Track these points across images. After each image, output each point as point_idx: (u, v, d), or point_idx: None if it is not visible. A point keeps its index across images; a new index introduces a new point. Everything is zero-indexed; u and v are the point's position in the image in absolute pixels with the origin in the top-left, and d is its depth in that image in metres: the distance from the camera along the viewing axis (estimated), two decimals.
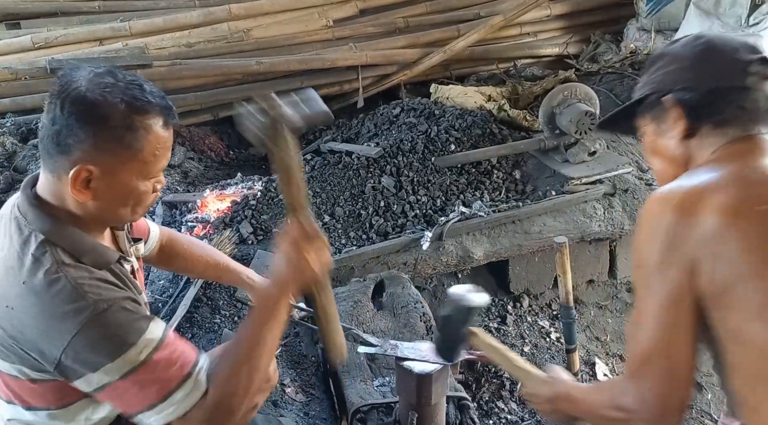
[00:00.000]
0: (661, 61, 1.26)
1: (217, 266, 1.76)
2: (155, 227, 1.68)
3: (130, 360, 1.15)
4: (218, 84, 4.27)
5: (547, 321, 3.08)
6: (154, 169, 1.22)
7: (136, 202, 1.24)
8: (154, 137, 1.18)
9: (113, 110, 1.14)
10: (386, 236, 2.98)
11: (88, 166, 1.15)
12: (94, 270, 1.20)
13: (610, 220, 3.07)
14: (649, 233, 1.11)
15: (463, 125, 3.47)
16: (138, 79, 1.21)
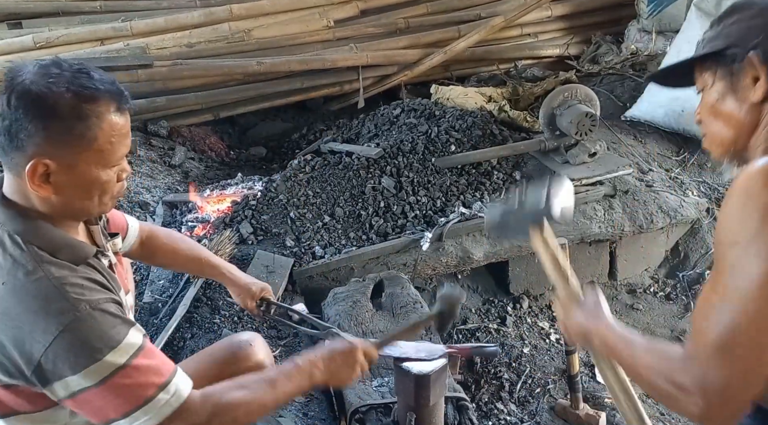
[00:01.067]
0: (741, 13, 1.11)
1: (199, 261, 1.76)
2: (134, 222, 1.67)
3: (110, 363, 1.12)
4: (219, 84, 4.27)
5: (546, 322, 3.07)
6: (112, 157, 1.19)
7: (100, 192, 1.21)
8: (108, 124, 1.16)
9: (60, 100, 1.12)
10: (386, 236, 2.98)
11: (44, 160, 1.12)
12: (74, 267, 1.18)
13: (610, 221, 3.07)
14: (746, 208, 0.96)
15: (463, 125, 3.47)
16: (85, 67, 1.17)
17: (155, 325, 2.37)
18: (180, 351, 2.29)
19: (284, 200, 3.08)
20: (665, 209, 3.13)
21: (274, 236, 2.93)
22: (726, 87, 1.13)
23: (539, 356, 2.88)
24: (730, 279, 0.95)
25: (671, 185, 3.32)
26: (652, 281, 3.26)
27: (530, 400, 2.66)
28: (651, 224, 3.09)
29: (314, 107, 4.80)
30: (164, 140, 3.91)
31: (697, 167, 3.54)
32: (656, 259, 3.29)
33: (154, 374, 1.18)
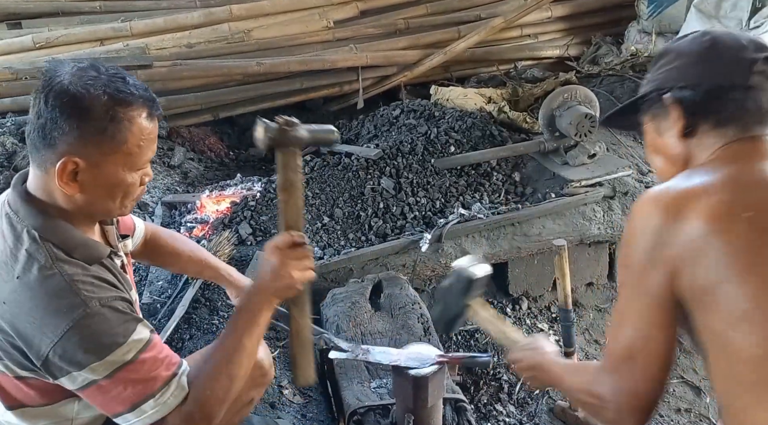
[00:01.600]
0: (665, 58, 1.23)
1: (199, 262, 1.78)
2: (140, 223, 1.69)
3: (117, 358, 1.16)
4: (219, 84, 4.27)
5: (546, 324, 3.07)
6: (139, 160, 1.23)
7: (124, 194, 1.25)
8: (138, 128, 1.20)
9: (96, 102, 1.16)
10: (385, 237, 2.97)
11: (74, 158, 1.16)
12: (87, 266, 1.21)
13: (609, 223, 3.06)
14: (636, 233, 1.11)
15: (462, 126, 3.46)
16: (121, 72, 1.22)
17: (154, 326, 2.35)
18: (179, 351, 2.28)
19: None
20: None
21: (273, 237, 2.92)
22: (656, 127, 1.24)
23: None
24: (625, 299, 1.14)
25: None
26: None
27: (529, 402, 2.66)
28: None
29: (314, 107, 4.79)
30: (163, 141, 3.91)
31: None
32: None
33: (161, 368, 1.21)
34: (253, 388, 1.52)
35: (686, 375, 2.79)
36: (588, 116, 3.16)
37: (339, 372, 2.20)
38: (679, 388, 2.73)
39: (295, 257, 1.34)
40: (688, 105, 1.16)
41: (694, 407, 2.63)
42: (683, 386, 2.75)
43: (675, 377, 2.79)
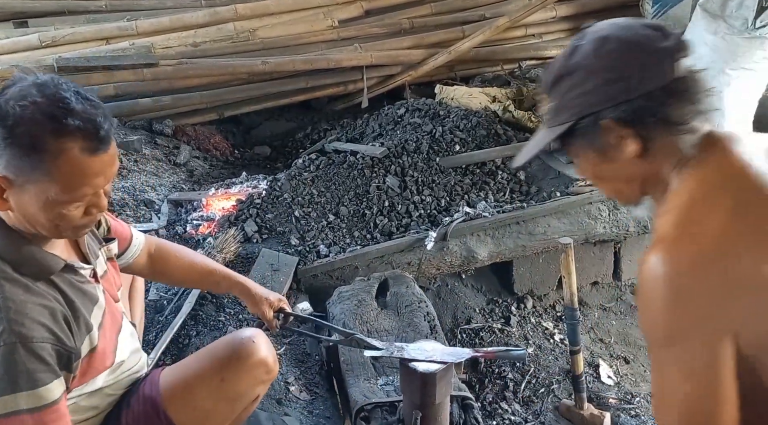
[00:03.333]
0: (572, 79, 1.09)
1: (213, 273, 1.72)
2: (140, 235, 1.64)
3: (6, 403, 1.10)
4: (224, 83, 4.28)
5: (551, 323, 3.07)
6: (68, 194, 1.14)
7: (56, 223, 1.17)
8: (67, 163, 1.11)
9: (22, 126, 1.09)
10: (390, 236, 2.98)
11: (3, 174, 1.11)
12: (31, 286, 1.16)
13: (615, 222, 3.06)
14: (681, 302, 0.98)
15: (468, 125, 3.47)
16: (69, 97, 1.12)
17: (160, 322, 2.37)
18: (185, 348, 2.29)
19: (289, 199, 3.08)
20: None
21: (278, 235, 2.93)
22: (596, 155, 1.13)
23: (543, 356, 2.87)
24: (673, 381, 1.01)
25: None
26: None
27: (534, 400, 2.66)
28: None
29: (318, 106, 4.80)
30: (169, 139, 3.92)
31: None
32: None
33: None
34: (258, 385, 1.52)
35: None
36: None
37: (345, 369, 2.20)
38: None
39: None
40: (632, 123, 1.05)
41: None
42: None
43: None
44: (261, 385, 1.51)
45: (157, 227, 2.94)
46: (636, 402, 2.60)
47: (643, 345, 2.95)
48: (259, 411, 1.92)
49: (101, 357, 1.30)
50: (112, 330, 1.36)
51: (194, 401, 1.40)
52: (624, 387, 2.71)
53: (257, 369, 1.46)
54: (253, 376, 1.46)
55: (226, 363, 1.44)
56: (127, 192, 3.12)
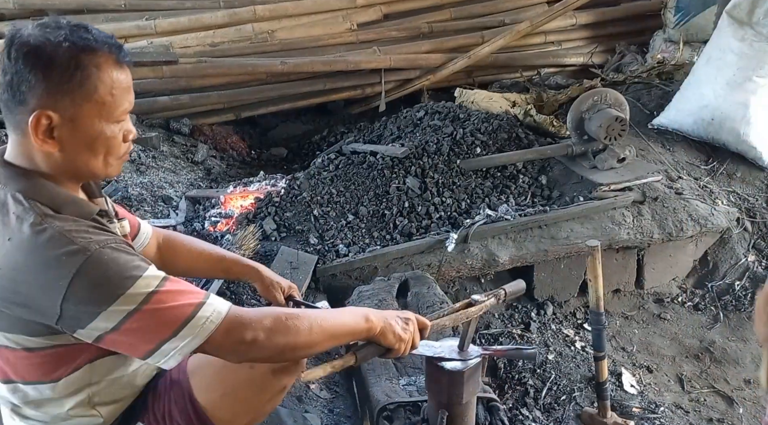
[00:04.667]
0: None
1: (223, 259, 1.68)
2: (147, 225, 1.61)
3: (140, 291, 1.10)
4: (242, 84, 4.27)
5: (571, 330, 3.01)
6: (114, 110, 1.17)
7: (106, 150, 1.19)
8: (107, 76, 1.15)
9: (58, 50, 1.11)
10: (410, 236, 2.93)
11: (47, 111, 1.11)
12: (78, 219, 1.16)
13: (639, 228, 3.01)
14: None
15: (488, 128, 3.43)
16: (83, 23, 1.17)
17: None
18: None
19: (308, 198, 3.05)
20: (695, 217, 3.07)
21: (297, 234, 2.90)
22: None
23: (564, 363, 2.81)
24: None
25: (701, 193, 3.26)
26: (680, 291, 3.19)
27: (556, 407, 2.60)
28: (681, 232, 3.03)
29: (335, 109, 4.79)
30: (186, 138, 3.90)
31: (726, 177, 3.48)
32: (684, 268, 3.23)
33: (188, 296, 1.14)
34: (285, 375, 1.47)
35: (717, 384, 2.72)
36: (618, 119, 3.11)
37: (366, 369, 2.15)
38: (710, 398, 2.66)
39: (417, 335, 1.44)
40: None
41: (726, 418, 2.55)
42: (714, 395, 2.68)
43: (706, 386, 2.72)
44: (288, 376, 1.46)
45: (175, 224, 2.91)
46: (660, 412, 2.53)
47: (666, 355, 2.89)
48: (280, 407, 1.87)
49: None
50: None
51: (222, 387, 1.36)
52: (647, 397, 2.64)
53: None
54: (282, 366, 1.41)
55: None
56: (145, 188, 3.09)
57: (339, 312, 1.33)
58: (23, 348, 1.16)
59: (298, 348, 1.23)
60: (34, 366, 1.19)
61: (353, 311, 1.34)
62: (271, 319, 1.19)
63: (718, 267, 3.22)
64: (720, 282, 3.18)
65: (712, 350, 2.89)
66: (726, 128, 3.42)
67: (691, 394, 2.67)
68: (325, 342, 1.27)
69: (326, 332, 1.25)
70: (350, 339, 1.33)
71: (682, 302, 3.15)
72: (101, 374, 1.27)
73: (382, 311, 1.40)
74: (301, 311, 1.27)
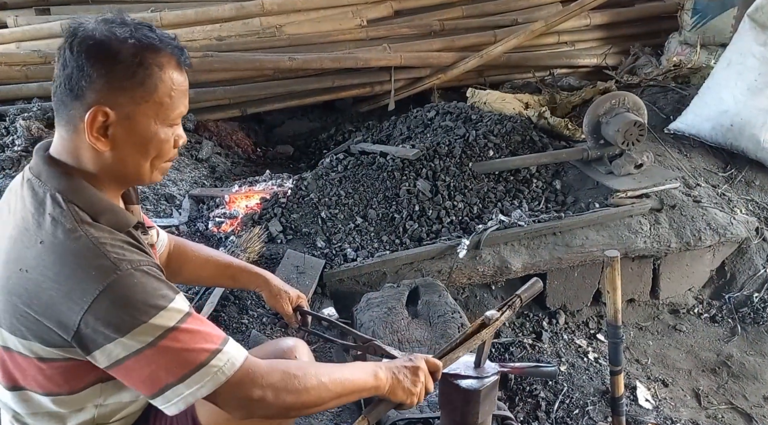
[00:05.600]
0: None
1: (230, 267, 1.63)
2: (163, 233, 1.57)
3: (161, 323, 1.04)
4: (248, 79, 4.17)
5: (584, 340, 2.92)
6: (171, 112, 1.14)
7: (157, 153, 1.16)
8: (168, 76, 1.11)
9: (123, 46, 1.08)
10: (420, 241, 2.84)
11: (104, 108, 1.08)
12: (114, 232, 1.11)
13: (656, 237, 2.91)
14: None
15: (502, 130, 3.34)
16: (146, 22, 1.15)
17: None
18: None
19: (315, 199, 2.96)
20: (714, 226, 2.98)
21: (304, 236, 2.81)
22: None
23: (577, 375, 2.72)
24: None
25: (719, 201, 3.17)
26: (696, 302, 3.10)
27: (568, 421, 2.51)
28: (699, 242, 2.94)
29: (343, 107, 4.69)
30: (190, 134, 3.80)
31: (744, 185, 3.38)
32: (701, 279, 3.13)
33: (205, 339, 1.08)
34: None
35: (735, 400, 2.63)
36: (637, 123, 3.02)
37: None
38: (728, 415, 2.58)
39: (430, 382, 1.37)
40: None
41: None
42: (732, 412, 2.59)
43: (723, 402, 2.63)
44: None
45: (178, 223, 2.82)
46: None
47: (682, 368, 2.80)
48: None
49: None
50: None
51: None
52: (663, 412, 2.55)
53: None
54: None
55: None
56: (148, 186, 3.00)
57: (348, 369, 1.26)
58: (37, 356, 1.10)
59: (305, 407, 1.18)
60: (45, 376, 1.13)
61: (363, 368, 1.28)
62: (280, 375, 1.14)
63: (736, 278, 3.12)
64: (738, 294, 3.09)
65: (729, 364, 2.80)
66: (746, 135, 3.33)
67: (708, 410, 2.59)
68: (332, 401, 1.22)
69: (334, 391, 1.20)
70: (358, 398, 1.28)
71: (698, 313, 3.06)
72: (110, 394, 1.20)
73: (391, 364, 1.34)
74: (310, 366, 1.22)
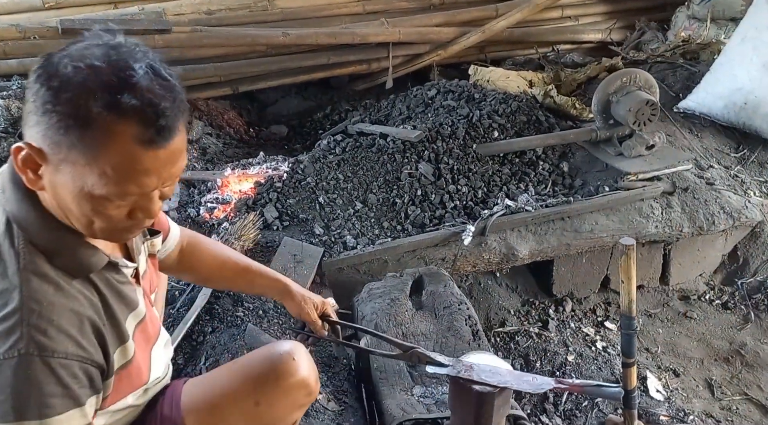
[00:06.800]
0: None
1: (248, 271, 1.48)
2: (175, 227, 1.41)
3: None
4: (240, 56, 3.99)
5: (591, 328, 2.82)
6: (111, 190, 0.90)
7: (91, 219, 0.94)
8: (113, 149, 0.87)
9: (70, 91, 0.86)
10: (423, 227, 2.72)
11: (32, 144, 0.89)
12: (65, 286, 0.93)
13: (668, 221, 2.80)
14: None
15: (507, 110, 3.19)
16: (151, 70, 0.89)
17: (172, 316, 2.12)
18: (199, 346, 2.04)
19: (312, 184, 2.82)
20: (728, 209, 2.86)
21: (301, 223, 2.67)
22: None
23: (585, 365, 2.63)
24: None
25: (732, 183, 3.05)
26: (707, 288, 3.00)
27: (577, 414, 2.42)
28: (712, 226, 2.83)
29: (338, 85, 4.52)
30: None
31: (757, 166, 3.27)
32: (712, 264, 3.03)
33: None
34: (297, 409, 1.29)
35: (750, 391, 2.55)
36: (649, 102, 2.88)
37: (379, 378, 1.96)
38: (743, 406, 2.49)
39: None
40: None
41: None
42: (747, 403, 2.50)
43: (737, 393, 2.54)
44: (300, 409, 1.27)
45: (168, 209, 2.67)
46: (690, 421, 2.35)
47: (694, 357, 2.71)
48: None
49: (136, 372, 1.08)
50: (148, 342, 1.13)
51: None
52: (675, 403, 2.46)
53: (297, 391, 1.22)
54: (292, 399, 1.22)
55: (262, 383, 1.19)
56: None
57: None
58: None
59: None
60: None
61: None
62: None
63: (749, 263, 3.02)
64: (751, 279, 2.99)
65: (743, 353, 2.70)
66: (760, 114, 3.20)
67: (722, 401, 2.50)
68: None
69: None
70: None
71: (709, 300, 2.96)
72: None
73: None
74: None
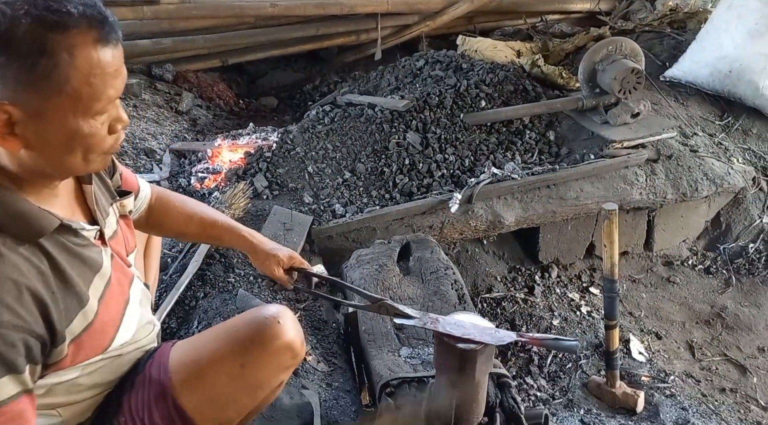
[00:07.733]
0: None
1: (215, 226, 1.50)
2: (146, 186, 1.42)
3: None
4: (229, 27, 3.98)
5: (576, 294, 2.89)
6: (94, 103, 0.93)
7: (85, 148, 0.97)
8: (84, 61, 0.89)
9: (17, 29, 0.85)
10: (411, 196, 2.76)
11: (5, 106, 0.89)
12: (8, 253, 0.93)
13: (652, 188, 2.85)
14: None
15: (494, 80, 3.21)
16: None
17: (164, 282, 2.16)
18: (191, 310, 2.09)
19: (301, 153, 2.85)
20: (711, 176, 2.92)
21: (290, 192, 2.71)
22: None
23: (570, 328, 2.70)
24: None
25: (716, 151, 3.10)
26: (690, 253, 3.07)
27: (561, 375, 2.50)
28: (695, 192, 2.88)
29: (327, 57, 4.52)
30: (170, 85, 3.64)
31: (741, 133, 3.31)
32: (695, 230, 3.09)
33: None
34: (283, 371, 1.31)
35: (729, 352, 2.63)
36: (634, 71, 2.91)
37: (367, 340, 2.01)
38: (722, 366, 2.57)
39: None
40: None
41: (739, 387, 2.47)
42: (726, 364, 2.58)
43: (717, 354, 2.62)
44: (286, 371, 1.31)
45: (159, 179, 2.70)
46: (671, 381, 2.43)
47: (676, 321, 2.78)
48: None
49: (100, 334, 1.08)
50: (118, 302, 1.14)
51: (209, 388, 1.19)
52: (656, 365, 2.54)
53: (283, 353, 1.25)
54: (278, 362, 1.25)
55: (248, 346, 1.21)
56: (126, 140, 2.86)
57: None
58: None
59: None
60: None
61: None
62: None
63: (731, 229, 3.08)
64: (733, 244, 3.06)
65: (723, 316, 2.78)
66: (744, 81, 3.24)
67: (702, 362, 2.58)
68: None
69: None
70: None
71: (692, 265, 3.03)
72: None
73: None
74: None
